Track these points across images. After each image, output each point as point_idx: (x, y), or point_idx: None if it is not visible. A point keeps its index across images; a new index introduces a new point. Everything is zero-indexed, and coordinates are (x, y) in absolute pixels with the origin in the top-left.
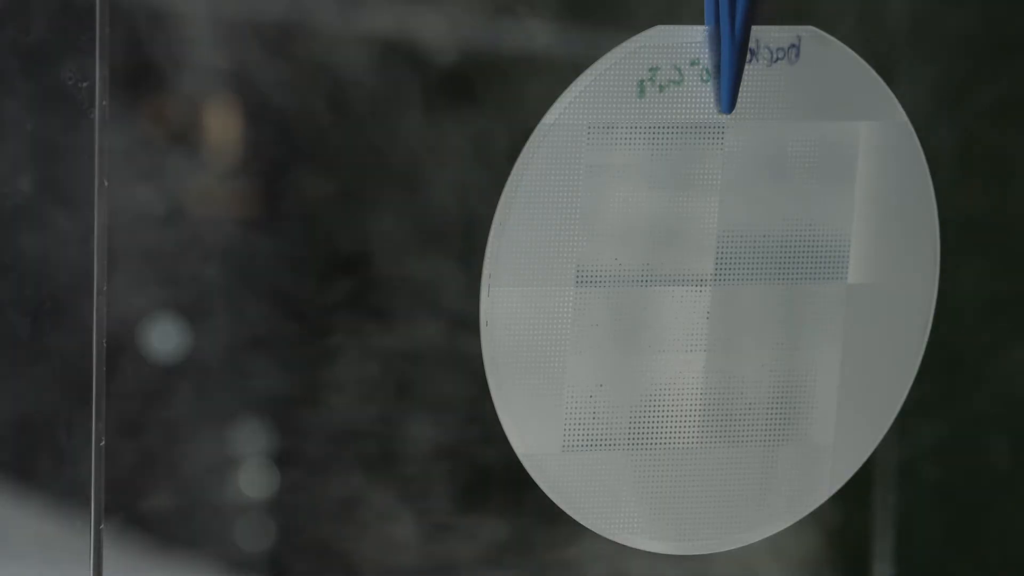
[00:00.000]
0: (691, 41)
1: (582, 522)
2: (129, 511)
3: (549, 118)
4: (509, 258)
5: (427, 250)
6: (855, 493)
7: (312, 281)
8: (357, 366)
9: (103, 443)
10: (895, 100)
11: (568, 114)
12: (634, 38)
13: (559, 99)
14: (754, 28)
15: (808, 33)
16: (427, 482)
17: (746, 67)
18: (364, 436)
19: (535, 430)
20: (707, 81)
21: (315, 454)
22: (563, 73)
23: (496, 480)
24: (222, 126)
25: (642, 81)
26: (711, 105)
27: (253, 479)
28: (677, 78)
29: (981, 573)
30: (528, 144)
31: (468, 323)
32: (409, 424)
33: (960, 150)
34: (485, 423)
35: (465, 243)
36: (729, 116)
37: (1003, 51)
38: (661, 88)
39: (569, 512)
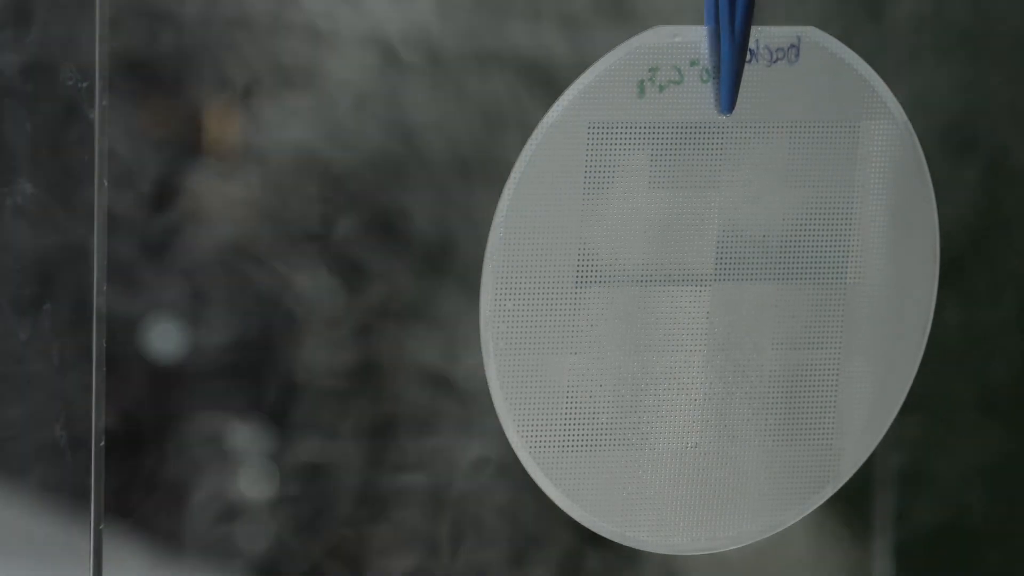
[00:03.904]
0: (691, 41)
1: (582, 521)
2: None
3: (549, 118)
4: (509, 258)
5: (427, 248)
6: (855, 493)
7: (308, 277)
8: (354, 364)
9: (103, 443)
10: (895, 100)
11: (568, 114)
12: (634, 38)
13: (559, 99)
14: (754, 28)
15: (808, 33)
16: (425, 482)
17: (746, 67)
18: (361, 435)
19: (535, 429)
20: (707, 81)
21: (312, 453)
22: (563, 73)
23: (496, 480)
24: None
25: (642, 81)
26: (711, 105)
27: (253, 479)
28: (677, 78)
29: (981, 572)
30: (528, 143)
31: (468, 322)
32: (408, 423)
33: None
34: (484, 422)
35: (465, 243)
36: (729, 116)
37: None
38: (661, 88)
39: (569, 512)
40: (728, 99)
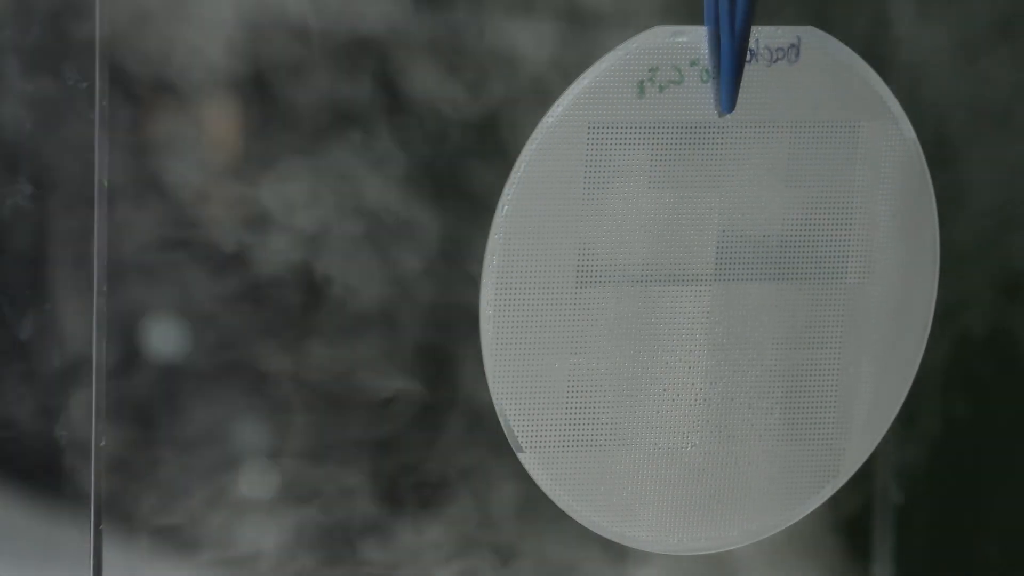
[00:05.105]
0: (691, 41)
1: (581, 521)
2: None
3: (550, 117)
4: (509, 257)
5: (427, 248)
6: (856, 492)
7: (311, 280)
8: (355, 363)
9: (103, 443)
10: (895, 99)
11: (568, 114)
12: (634, 38)
13: (559, 98)
14: (754, 28)
15: (808, 33)
16: (425, 481)
17: (746, 67)
18: (362, 434)
19: (534, 429)
20: (707, 81)
21: (314, 453)
22: (563, 73)
23: (495, 479)
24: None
25: (642, 81)
26: (711, 105)
27: (253, 479)
28: (677, 78)
29: (980, 572)
30: (528, 143)
31: (468, 322)
32: (408, 422)
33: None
34: (484, 421)
35: (465, 242)
36: (729, 116)
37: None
38: (661, 88)
39: (568, 511)
40: (728, 99)
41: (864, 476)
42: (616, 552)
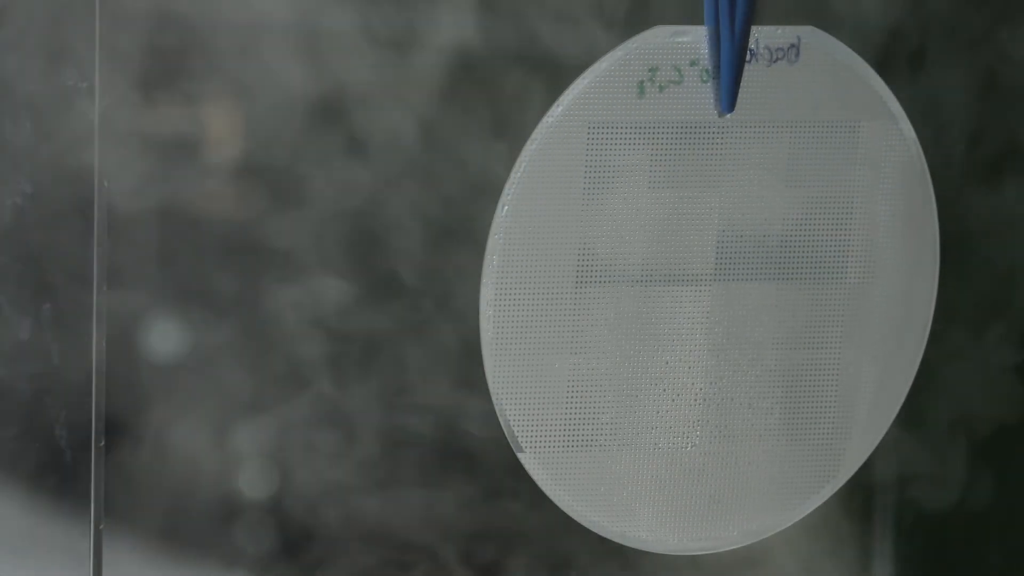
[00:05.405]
0: (691, 41)
1: (581, 521)
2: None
3: (550, 117)
4: (509, 257)
5: (427, 248)
6: (855, 493)
7: (312, 277)
8: (354, 363)
9: (103, 443)
10: (895, 100)
11: (568, 113)
12: (634, 38)
13: (559, 98)
14: (754, 28)
15: (808, 33)
16: (424, 480)
17: (746, 67)
18: (362, 434)
19: (535, 429)
20: (707, 81)
21: (313, 453)
22: (563, 73)
23: (495, 479)
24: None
25: (642, 81)
26: (711, 105)
27: (252, 478)
28: (677, 78)
29: (980, 572)
30: (528, 143)
31: (468, 321)
32: (408, 422)
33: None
34: (484, 422)
35: (465, 242)
36: (729, 116)
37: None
38: (661, 88)
39: (568, 511)
40: (728, 99)
41: (864, 477)
42: None
